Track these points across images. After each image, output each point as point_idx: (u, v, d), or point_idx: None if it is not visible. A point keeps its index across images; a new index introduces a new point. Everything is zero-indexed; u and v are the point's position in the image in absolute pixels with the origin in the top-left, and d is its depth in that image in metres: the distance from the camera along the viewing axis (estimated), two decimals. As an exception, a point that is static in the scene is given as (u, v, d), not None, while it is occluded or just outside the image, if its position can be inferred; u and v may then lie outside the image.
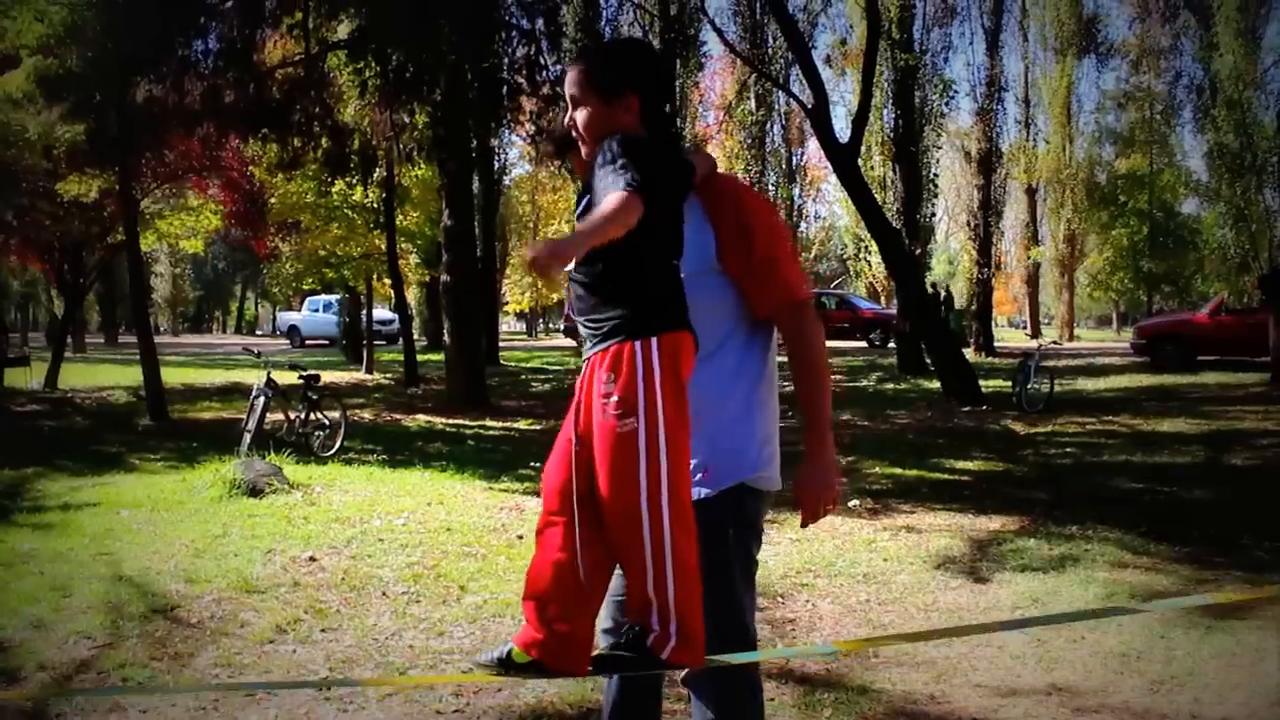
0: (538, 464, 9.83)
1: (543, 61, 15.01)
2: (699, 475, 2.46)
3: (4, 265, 41.00)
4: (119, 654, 4.58)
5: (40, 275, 37.89)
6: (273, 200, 22.18)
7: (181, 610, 5.24)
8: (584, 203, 2.31)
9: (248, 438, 10.35)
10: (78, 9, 13.57)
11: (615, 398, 2.16)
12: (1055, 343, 23.34)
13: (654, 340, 2.19)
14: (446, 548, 6.30)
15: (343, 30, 15.09)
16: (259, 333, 65.56)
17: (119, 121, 14.18)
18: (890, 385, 19.20)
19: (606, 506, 2.20)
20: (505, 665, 2.36)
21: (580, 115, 2.40)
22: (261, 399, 10.75)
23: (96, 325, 54.07)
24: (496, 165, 23.73)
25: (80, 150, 15.78)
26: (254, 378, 12.16)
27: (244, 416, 10.99)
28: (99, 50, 13.57)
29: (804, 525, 2.61)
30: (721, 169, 2.66)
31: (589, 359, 2.26)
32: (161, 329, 61.50)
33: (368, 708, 3.95)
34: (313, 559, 6.21)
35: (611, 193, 2.15)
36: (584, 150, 2.42)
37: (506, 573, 5.87)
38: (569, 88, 2.43)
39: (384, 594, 5.50)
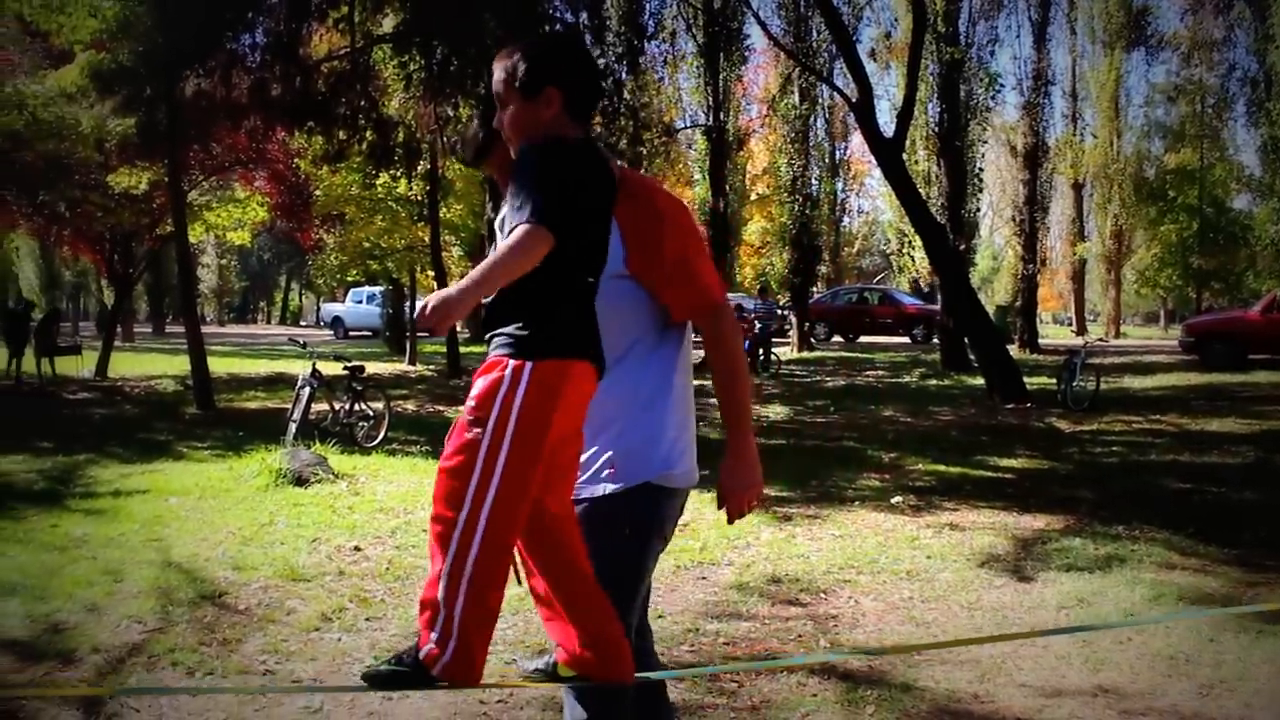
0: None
1: (586, 55, 15.03)
2: (605, 471, 2.46)
3: (57, 256, 41.82)
4: (169, 639, 4.66)
5: (91, 266, 38.52)
6: (318, 192, 22.41)
7: (229, 597, 5.32)
8: (501, 215, 2.29)
9: (293, 427, 10.47)
10: (129, 4, 13.76)
11: (473, 403, 2.16)
12: (1101, 340, 23.06)
13: (527, 366, 2.14)
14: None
15: (388, 24, 15.20)
16: (303, 324, 66.23)
17: (168, 115, 14.39)
18: (933, 381, 19.07)
19: (437, 496, 2.18)
20: (551, 676, 2.41)
21: (505, 115, 2.37)
22: (307, 389, 10.87)
23: (145, 315, 54.79)
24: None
25: (131, 143, 16.06)
26: (299, 368, 12.31)
27: (289, 407, 11.11)
28: (149, 45, 13.77)
29: (729, 522, 2.59)
30: (764, 163, 2.63)
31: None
32: (208, 319, 62.23)
33: (412, 696, 3.98)
34: (357, 548, 6.28)
35: (516, 226, 2.11)
36: (512, 150, 2.37)
37: (549, 565, 5.90)
38: (494, 87, 2.40)
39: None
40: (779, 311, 28.61)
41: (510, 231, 2.12)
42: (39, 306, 38.99)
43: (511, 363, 2.14)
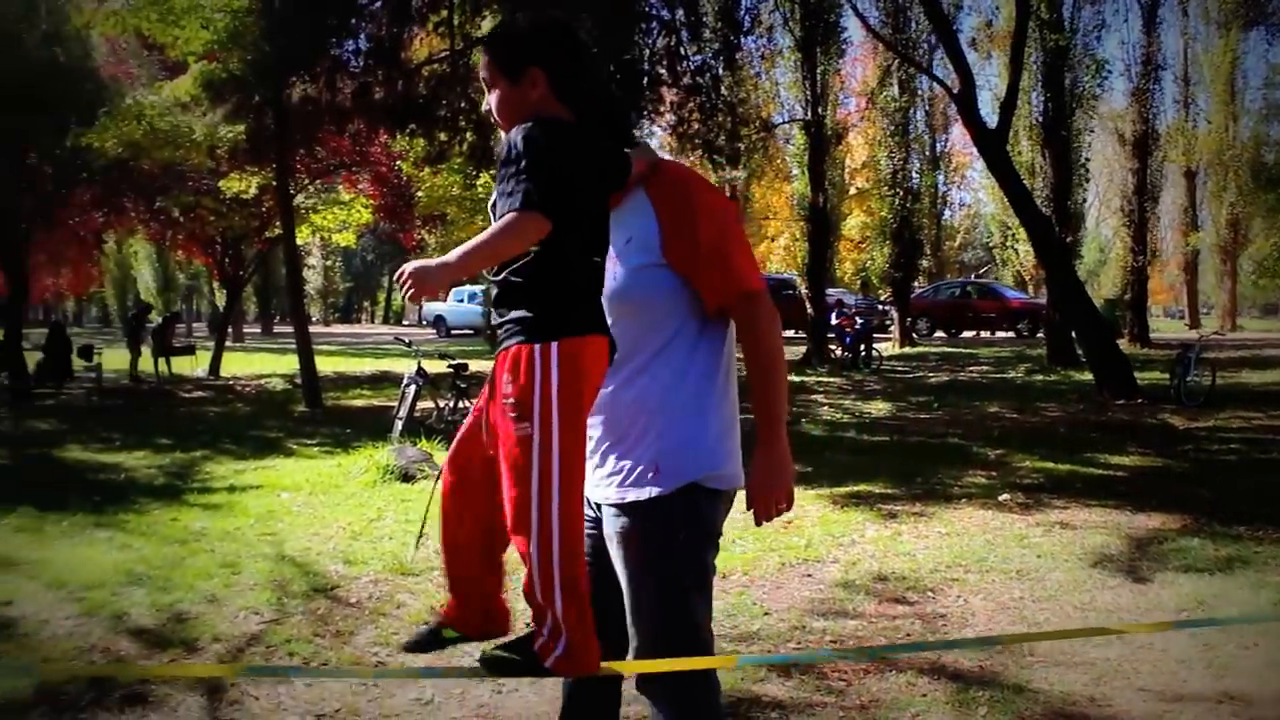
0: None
1: (683, 52, 15.04)
2: (650, 474, 2.39)
3: (171, 259, 43.31)
4: (285, 630, 4.80)
5: (204, 268, 39.83)
6: (420, 194, 22.82)
7: (341, 590, 5.45)
8: (492, 199, 2.28)
9: (399, 424, 10.68)
10: (239, 15, 14.19)
11: (511, 400, 2.15)
12: (1217, 333, 22.24)
13: (553, 346, 2.13)
14: (592, 535, 6.38)
15: (486, 25, 15.38)
16: (405, 323, 67.44)
17: (276, 121, 14.82)
18: (1039, 377, 18.63)
19: (508, 506, 2.19)
20: (433, 642, 2.45)
21: (492, 98, 2.36)
22: (413, 387, 11.08)
23: (254, 316, 56.50)
24: (635, 156, 23.83)
25: (241, 149, 16.58)
26: (403, 367, 12.54)
27: (395, 404, 11.34)
28: (258, 54, 14.18)
29: (757, 523, 2.48)
30: (863, 157, 2.59)
31: (497, 355, 2.24)
32: (314, 319, 63.80)
33: (521, 690, 4.03)
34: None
35: (508, 211, 2.11)
36: (502, 134, 2.34)
37: (652, 561, 5.93)
38: (481, 73, 2.39)
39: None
40: (880, 307, 28.29)
41: (501, 216, 2.12)
42: (156, 308, 40.48)
43: (536, 347, 2.14)
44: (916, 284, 30.28)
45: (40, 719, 3.79)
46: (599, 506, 2.49)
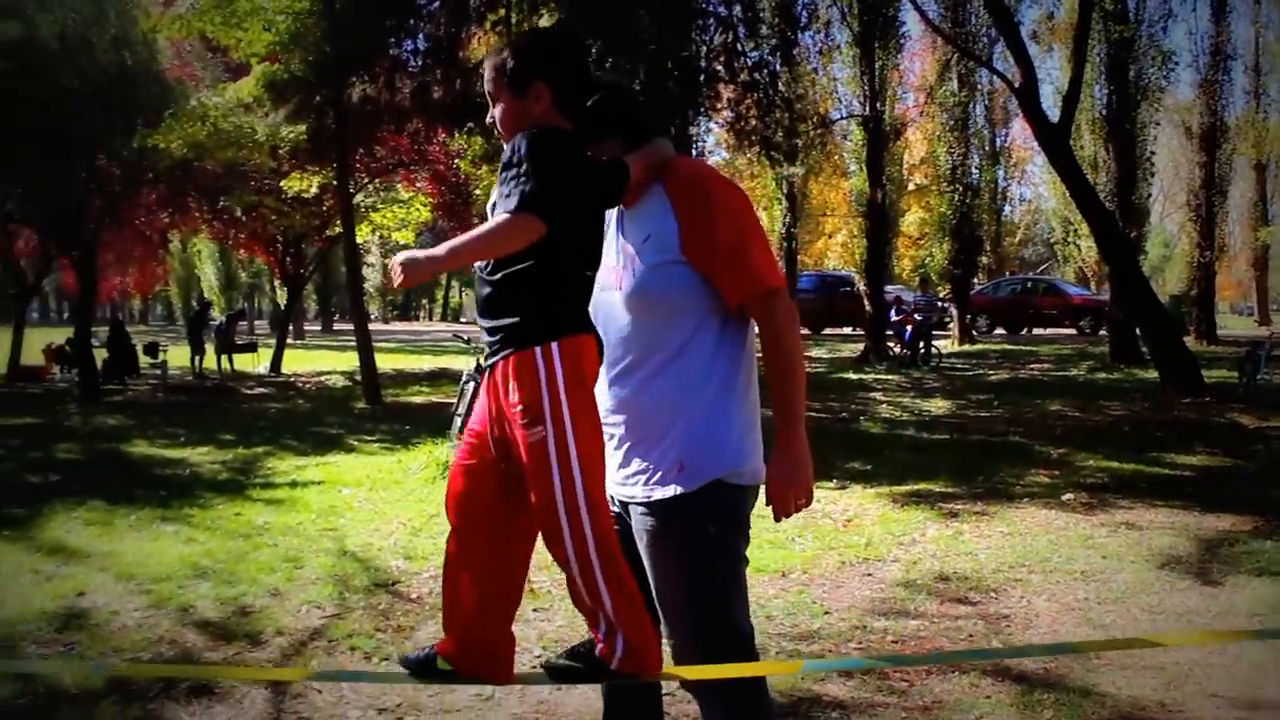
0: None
1: (740, 48, 14.98)
2: (675, 472, 2.40)
3: (234, 258, 44.05)
4: (347, 624, 4.85)
5: (265, 267, 40.43)
6: (477, 192, 22.93)
7: (402, 585, 5.50)
8: (491, 201, 2.29)
9: (459, 421, 10.73)
10: (300, 17, 14.38)
11: (520, 407, 2.15)
12: (1288, 330, 21.73)
13: (554, 345, 2.15)
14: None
15: (543, 24, 15.44)
16: (463, 320, 68.03)
17: (337, 120, 15.00)
18: (1102, 375, 18.31)
19: (536, 515, 2.20)
20: (425, 669, 2.42)
21: (496, 111, 2.38)
22: (471, 384, 11.12)
23: (314, 313, 57.25)
24: (694, 153, 23.80)
25: (302, 149, 16.80)
26: (462, 364, 12.62)
27: (454, 401, 11.40)
28: (318, 55, 14.39)
29: (776, 519, 2.48)
30: (921, 152, 2.57)
31: (491, 366, 2.24)
32: (373, 316, 64.56)
33: (581, 687, 4.02)
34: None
35: (503, 212, 2.12)
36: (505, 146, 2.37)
37: (711, 559, 5.91)
38: (485, 86, 2.41)
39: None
40: (939, 304, 27.99)
41: (498, 215, 2.14)
42: (218, 306, 41.19)
43: (537, 349, 2.16)
44: (976, 280, 29.91)
45: (112, 707, 3.86)
46: (624, 505, 2.50)
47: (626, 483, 2.47)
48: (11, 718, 3.79)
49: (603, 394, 2.46)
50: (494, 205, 2.24)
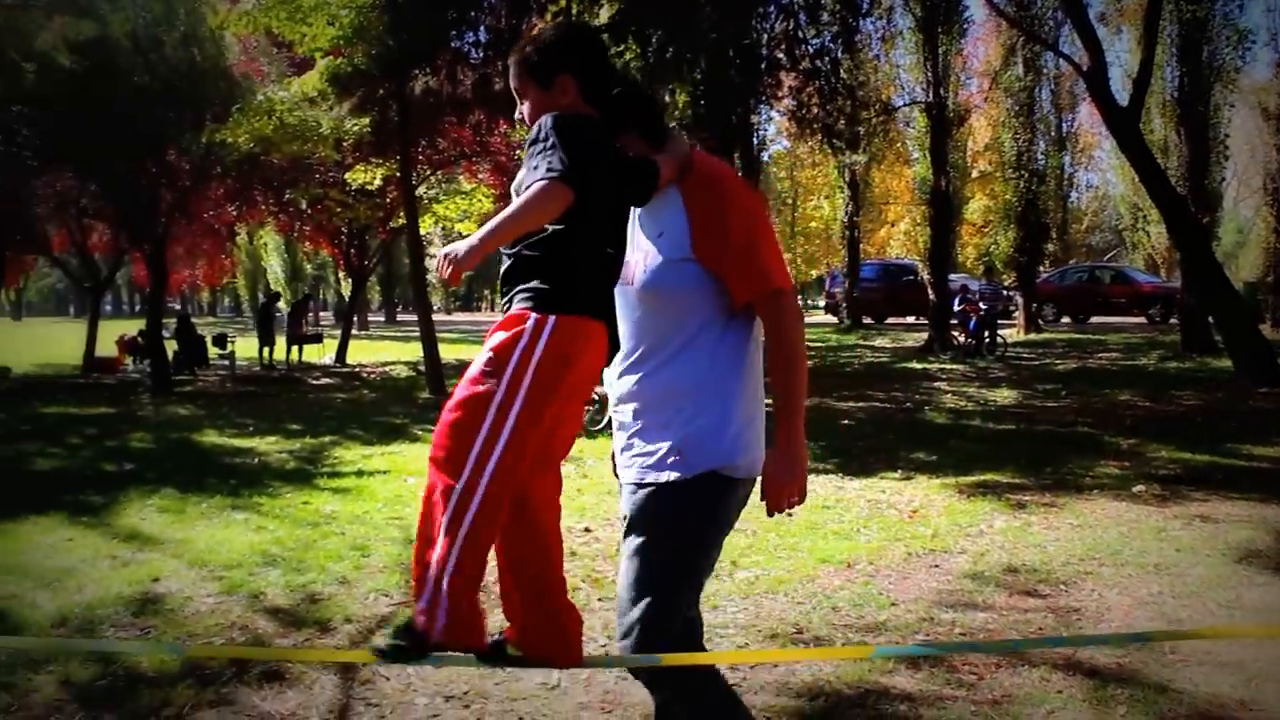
0: (808, 442, 9.77)
1: (801, 35, 14.86)
2: (671, 458, 2.46)
3: (299, 250, 44.71)
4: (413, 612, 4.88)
5: (330, 258, 40.99)
6: (539, 182, 23.06)
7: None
8: (518, 180, 2.29)
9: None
10: (363, 11, 14.52)
11: (491, 354, 2.15)
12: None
13: (550, 319, 2.15)
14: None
15: (604, 14, 15.44)
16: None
17: (400, 113, 15.15)
18: (1174, 364, 17.93)
19: (434, 452, 2.15)
20: (496, 656, 2.37)
21: (525, 106, 2.41)
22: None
23: (378, 305, 57.91)
24: (755, 141, 23.64)
25: (365, 141, 16.98)
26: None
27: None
28: (381, 48, 14.51)
29: (769, 514, 2.51)
30: (986, 139, 2.55)
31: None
32: (436, 307, 65.17)
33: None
34: (587, 529, 6.43)
35: (534, 182, 2.13)
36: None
37: (777, 549, 5.89)
38: (512, 82, 2.44)
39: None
40: (1004, 292, 27.60)
41: (527, 187, 2.15)
42: (285, 297, 41.82)
43: (534, 316, 2.16)
44: (1042, 268, 29.44)
45: (187, 690, 3.94)
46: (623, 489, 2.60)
47: (628, 465, 2.56)
48: (93, 698, 3.88)
49: (615, 382, 2.59)
50: (519, 185, 2.25)
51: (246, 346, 23.24)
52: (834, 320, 34.85)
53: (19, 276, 50.48)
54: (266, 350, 22.50)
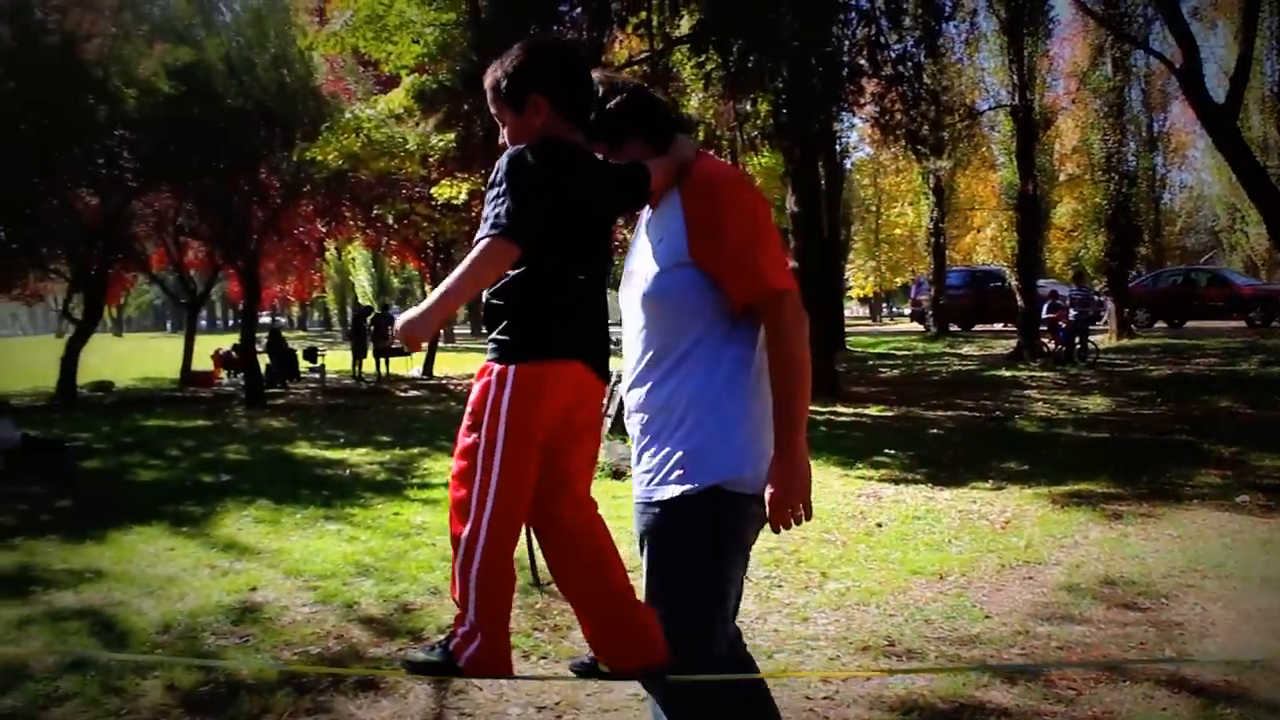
0: (892, 451, 9.69)
1: (883, 41, 14.71)
2: (674, 474, 2.38)
3: (386, 264, 45.49)
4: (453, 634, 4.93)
5: (416, 272, 41.62)
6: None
7: (556, 586, 5.56)
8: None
9: (608, 422, 10.85)
10: (447, 29, 14.77)
11: (470, 410, 2.21)
12: None
13: (510, 370, 2.17)
14: (806, 534, 6.25)
15: (685, 25, 15.48)
16: (610, 322, 68.66)
17: (484, 128, 15.33)
18: (1276, 369, 17.33)
19: (450, 500, 2.24)
20: (590, 672, 2.45)
21: (505, 132, 2.39)
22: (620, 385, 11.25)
23: (463, 318, 58.61)
24: (838, 148, 23.45)
25: (451, 156, 17.24)
26: (612, 365, 12.73)
27: (604, 402, 11.55)
28: (466, 64, 14.73)
29: (775, 530, 2.39)
30: (1074, 141, 2.47)
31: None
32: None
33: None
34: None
35: (479, 239, 2.14)
36: None
37: (868, 560, 5.82)
38: (490, 107, 2.43)
39: (747, 578, 5.58)
40: (1095, 298, 26.99)
41: (475, 243, 2.16)
42: (375, 310, 42.54)
43: (496, 368, 2.21)
44: (1134, 272, 28.72)
45: (285, 698, 4.03)
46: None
47: (637, 481, 2.51)
48: (197, 704, 3.99)
49: (626, 395, 2.54)
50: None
51: (336, 360, 23.70)
52: (920, 328, 34.41)
53: (120, 293, 52.31)
54: (359, 364, 22.94)
